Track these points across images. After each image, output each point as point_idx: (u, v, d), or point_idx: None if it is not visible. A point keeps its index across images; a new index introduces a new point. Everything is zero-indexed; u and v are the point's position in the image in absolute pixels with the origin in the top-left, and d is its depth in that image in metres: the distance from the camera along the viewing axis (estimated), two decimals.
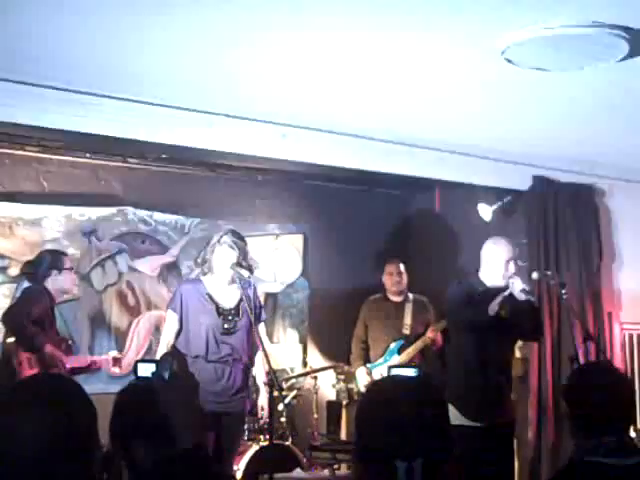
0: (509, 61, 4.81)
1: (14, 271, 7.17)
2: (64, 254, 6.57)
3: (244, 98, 5.97)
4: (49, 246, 7.09)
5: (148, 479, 2.83)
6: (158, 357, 5.54)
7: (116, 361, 6.53)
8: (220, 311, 6.02)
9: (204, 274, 6.12)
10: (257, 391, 6.30)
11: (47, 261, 6.31)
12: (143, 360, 5.31)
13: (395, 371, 4.02)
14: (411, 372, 4.09)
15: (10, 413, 2.32)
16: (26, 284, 6.42)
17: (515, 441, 6.41)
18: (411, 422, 2.15)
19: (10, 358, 6.00)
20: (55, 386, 2.44)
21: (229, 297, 6.06)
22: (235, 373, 5.98)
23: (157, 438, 2.84)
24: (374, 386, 2.50)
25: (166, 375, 3.11)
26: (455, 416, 5.16)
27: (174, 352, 5.68)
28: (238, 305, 6.06)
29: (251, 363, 6.15)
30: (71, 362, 6.27)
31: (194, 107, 6.07)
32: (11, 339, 6.08)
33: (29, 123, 5.81)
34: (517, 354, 7.20)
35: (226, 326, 5.98)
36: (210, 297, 6.04)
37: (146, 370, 4.82)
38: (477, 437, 5.70)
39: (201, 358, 5.90)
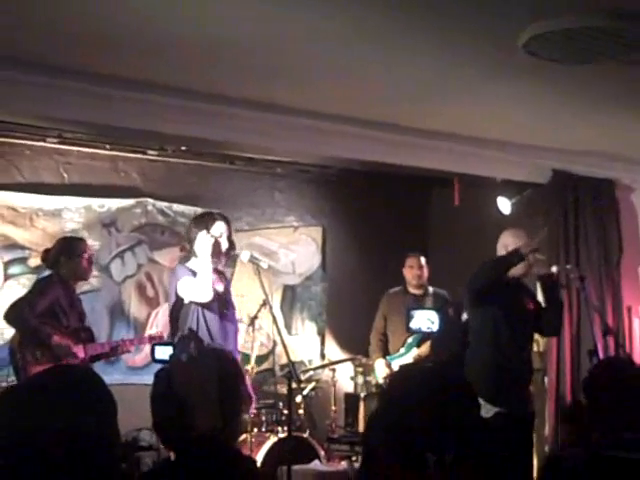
0: (530, 53, 4.79)
1: (34, 262, 7.21)
2: (79, 240, 6.57)
3: (264, 90, 5.98)
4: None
5: (169, 467, 2.83)
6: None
7: (152, 339, 6.43)
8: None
9: (187, 260, 5.79)
10: None
11: (57, 248, 6.32)
12: (160, 343, 5.35)
13: None
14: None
15: (23, 410, 2.32)
16: (46, 274, 6.44)
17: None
18: (444, 414, 2.13)
19: (15, 355, 6.02)
20: (66, 377, 2.43)
21: (217, 284, 5.81)
22: None
23: (178, 423, 2.85)
24: (403, 375, 2.44)
25: (184, 357, 3.10)
26: None
27: (192, 334, 5.55)
28: (225, 294, 5.83)
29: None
30: (91, 350, 6.26)
31: (213, 99, 6.07)
32: (16, 334, 6.11)
33: (50, 115, 5.84)
34: (534, 348, 7.17)
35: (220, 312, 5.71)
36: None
37: (164, 353, 4.85)
38: (496, 422, 5.63)
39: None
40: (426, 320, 5.14)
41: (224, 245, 5.71)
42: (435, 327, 5.06)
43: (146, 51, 5.20)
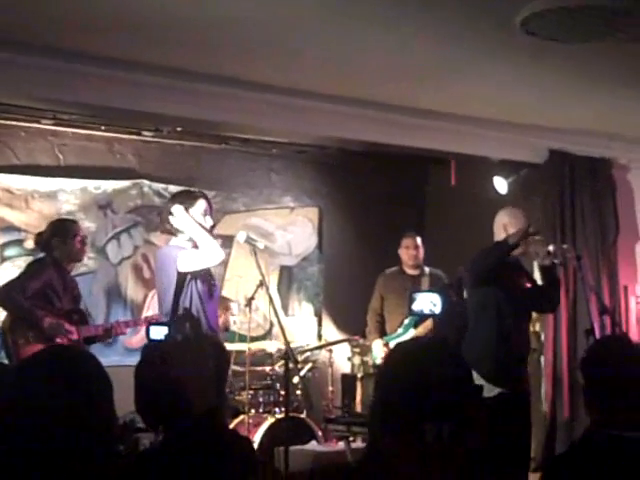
0: (528, 32, 4.77)
1: (30, 244, 7.18)
2: (71, 222, 6.55)
3: (260, 70, 5.96)
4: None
5: (166, 446, 2.82)
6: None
7: (148, 321, 6.33)
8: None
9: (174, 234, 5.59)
10: None
11: (49, 230, 6.32)
12: (156, 323, 5.31)
13: None
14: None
15: (19, 390, 2.32)
16: (40, 256, 6.43)
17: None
18: (439, 384, 2.13)
19: (6, 337, 6.02)
20: (62, 358, 2.43)
21: None
22: None
23: (174, 403, 2.83)
24: (398, 349, 2.44)
25: (179, 337, 3.09)
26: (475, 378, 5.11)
27: (187, 314, 5.39)
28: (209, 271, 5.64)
29: None
30: (84, 332, 6.26)
31: (209, 79, 6.05)
32: (7, 317, 6.11)
33: (45, 96, 5.82)
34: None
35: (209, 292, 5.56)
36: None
37: (158, 333, 4.82)
38: (495, 402, 5.63)
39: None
40: (428, 302, 5.11)
41: (208, 222, 5.59)
42: (437, 309, 5.03)
43: (141, 32, 5.18)
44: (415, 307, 5.16)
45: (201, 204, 5.54)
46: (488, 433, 2.28)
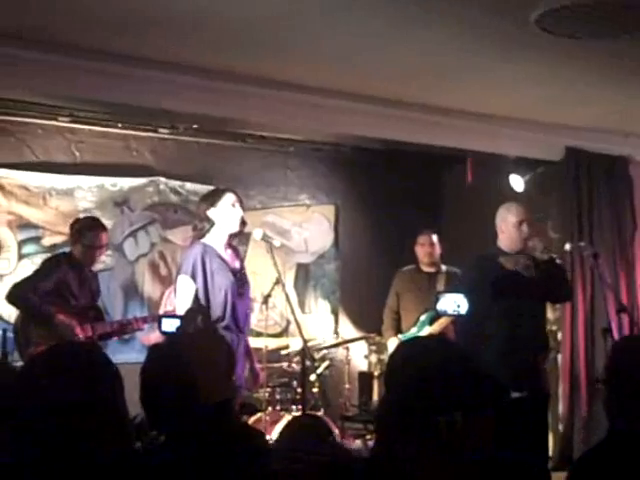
0: (543, 29, 4.76)
1: (48, 241, 7.23)
2: (95, 232, 6.37)
3: (276, 68, 5.96)
4: (81, 216, 7.07)
5: (177, 440, 2.82)
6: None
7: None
8: (234, 272, 5.59)
9: (203, 236, 5.61)
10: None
11: (73, 233, 6.34)
12: (168, 315, 5.32)
13: None
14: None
15: (29, 387, 2.32)
16: (57, 252, 6.47)
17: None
18: (448, 375, 2.13)
19: (19, 336, 6.04)
20: (72, 355, 2.43)
21: (234, 261, 5.71)
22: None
23: (184, 397, 2.82)
24: (403, 345, 2.46)
25: (191, 330, 3.09)
26: None
27: (199, 307, 5.33)
28: (241, 269, 5.71)
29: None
30: (99, 329, 6.27)
31: (225, 77, 6.05)
32: (19, 315, 6.13)
33: (61, 93, 5.84)
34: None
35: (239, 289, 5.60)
36: (221, 257, 5.60)
37: (171, 325, 4.83)
38: (512, 407, 5.62)
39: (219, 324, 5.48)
40: (453, 303, 5.13)
41: (238, 213, 5.61)
42: (463, 310, 5.06)
43: (157, 29, 5.19)
44: (440, 307, 5.18)
45: (229, 196, 5.59)
46: (505, 435, 2.28)
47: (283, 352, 7.44)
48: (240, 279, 5.65)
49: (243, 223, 5.65)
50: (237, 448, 2.76)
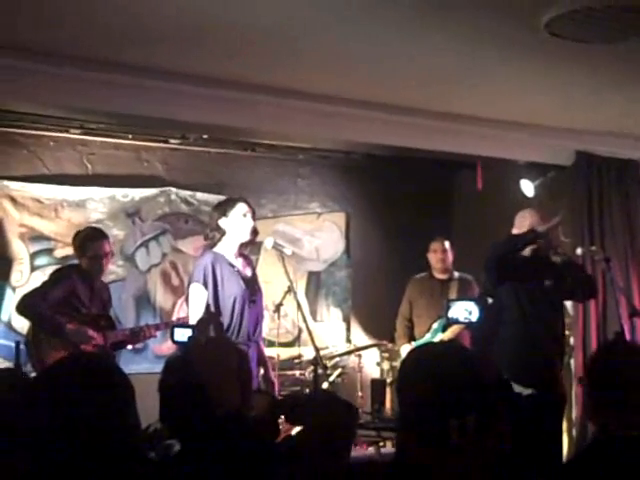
0: (553, 34, 4.76)
1: (60, 252, 7.25)
2: (100, 239, 6.37)
3: (286, 76, 5.97)
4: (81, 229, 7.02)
5: (194, 449, 2.83)
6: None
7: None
8: (246, 280, 5.63)
9: (214, 245, 5.65)
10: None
11: (76, 244, 6.32)
12: (180, 324, 5.32)
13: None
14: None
15: (38, 399, 2.33)
16: (68, 263, 6.48)
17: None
18: (460, 379, 2.13)
19: (30, 347, 6.03)
20: (83, 366, 2.43)
21: (245, 269, 5.74)
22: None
23: (198, 405, 2.83)
24: (415, 350, 2.46)
25: (203, 339, 3.11)
26: None
27: (210, 316, 5.30)
28: (253, 277, 5.76)
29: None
30: (111, 338, 6.26)
31: (235, 87, 6.07)
32: (30, 327, 6.13)
33: (72, 105, 5.87)
34: None
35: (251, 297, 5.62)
36: (232, 265, 5.62)
37: (183, 335, 4.84)
38: (526, 404, 5.59)
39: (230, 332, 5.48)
40: (463, 310, 5.13)
41: (249, 223, 5.65)
42: (474, 317, 5.05)
43: (167, 40, 5.21)
44: (450, 315, 5.18)
45: (241, 207, 5.63)
46: (518, 433, 2.27)
47: (295, 360, 7.46)
48: (252, 287, 5.69)
49: (254, 232, 5.69)
50: (251, 453, 2.77)
